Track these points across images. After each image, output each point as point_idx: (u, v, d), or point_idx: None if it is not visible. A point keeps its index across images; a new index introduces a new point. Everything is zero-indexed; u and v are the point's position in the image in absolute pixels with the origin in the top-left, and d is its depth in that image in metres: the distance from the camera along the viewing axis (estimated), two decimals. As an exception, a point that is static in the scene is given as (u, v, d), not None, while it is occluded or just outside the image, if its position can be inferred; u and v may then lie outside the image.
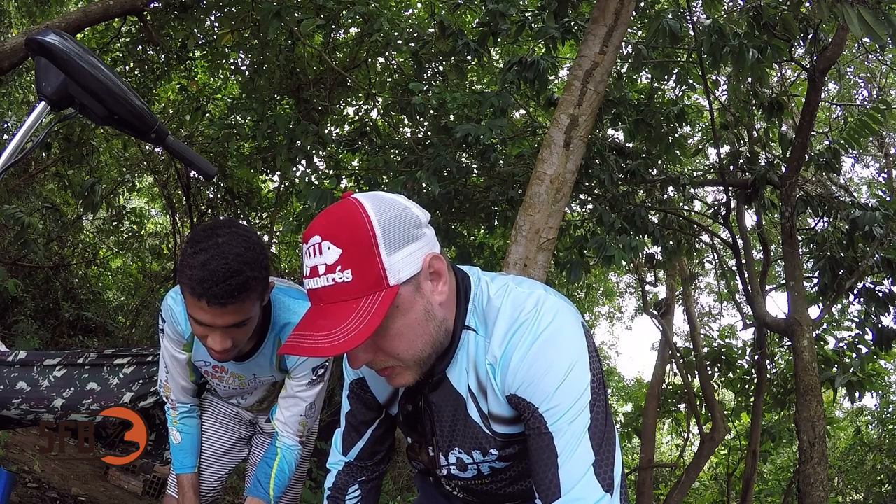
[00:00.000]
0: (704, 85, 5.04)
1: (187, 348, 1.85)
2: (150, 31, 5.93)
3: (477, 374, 1.12)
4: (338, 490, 1.39)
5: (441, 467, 1.25)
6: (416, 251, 1.02)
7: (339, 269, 0.97)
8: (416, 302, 1.03)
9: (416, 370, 1.08)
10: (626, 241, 4.22)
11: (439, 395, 1.17)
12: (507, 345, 1.07)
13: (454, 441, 1.20)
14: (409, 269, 1.01)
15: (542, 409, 1.05)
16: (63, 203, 8.17)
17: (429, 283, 1.04)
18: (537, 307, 1.08)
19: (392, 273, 0.99)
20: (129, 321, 8.56)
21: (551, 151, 2.99)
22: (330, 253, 0.98)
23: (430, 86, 5.14)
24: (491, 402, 1.12)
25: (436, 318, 1.06)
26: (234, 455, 2.11)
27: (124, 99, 1.31)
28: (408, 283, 1.01)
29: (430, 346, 1.06)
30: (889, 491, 8.22)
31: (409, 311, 1.02)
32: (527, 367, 1.05)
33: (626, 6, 3.15)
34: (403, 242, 1.01)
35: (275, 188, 8.37)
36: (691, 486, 7.26)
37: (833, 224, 5.11)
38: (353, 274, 0.97)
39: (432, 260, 1.04)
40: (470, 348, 1.12)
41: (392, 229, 1.00)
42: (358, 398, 1.34)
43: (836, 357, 5.47)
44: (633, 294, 12.57)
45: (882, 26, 3.08)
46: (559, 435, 1.04)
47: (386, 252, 0.99)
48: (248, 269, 1.45)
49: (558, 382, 1.04)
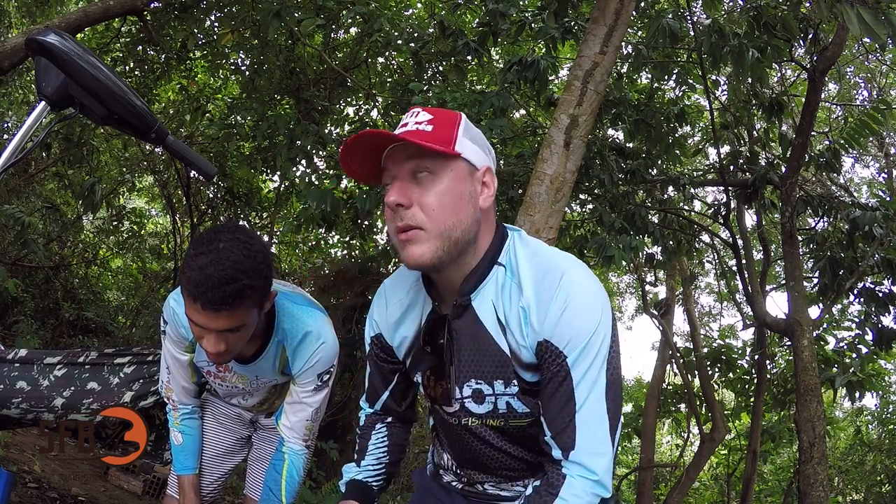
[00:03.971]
0: (704, 85, 5.04)
1: (190, 349, 1.84)
2: (150, 31, 5.93)
3: (504, 309, 1.19)
4: (365, 429, 1.49)
5: (455, 401, 1.27)
6: (481, 154, 1.21)
7: (424, 122, 1.16)
8: (466, 182, 1.17)
9: (437, 242, 1.14)
10: (626, 241, 4.22)
11: (463, 322, 1.22)
12: (541, 292, 1.15)
13: (473, 371, 1.23)
14: (472, 157, 1.19)
15: (570, 357, 1.13)
16: (63, 203, 8.17)
17: (479, 185, 1.20)
18: (569, 265, 1.18)
19: (460, 144, 1.17)
20: (129, 321, 8.56)
21: (551, 151, 2.99)
22: (422, 114, 1.18)
23: (430, 86, 5.14)
24: (516, 343, 1.19)
25: (475, 209, 1.18)
26: (234, 455, 2.10)
27: (124, 99, 1.31)
28: (467, 163, 1.18)
29: (460, 228, 1.15)
30: (889, 491, 8.22)
31: (457, 182, 1.16)
32: (563, 317, 1.13)
33: (626, 6, 3.15)
34: (476, 141, 1.21)
35: (275, 188, 8.37)
36: (691, 486, 7.26)
37: (833, 224, 5.11)
38: (433, 128, 1.15)
39: (487, 171, 1.21)
40: (499, 282, 1.20)
41: (472, 131, 1.21)
42: (376, 358, 1.42)
43: (836, 357, 5.47)
44: (633, 294, 12.58)
45: (882, 26, 3.08)
46: (579, 385, 1.13)
47: (462, 133, 1.18)
48: (244, 277, 1.46)
49: (589, 334, 1.13)
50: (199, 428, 2.01)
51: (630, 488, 10.31)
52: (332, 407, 5.97)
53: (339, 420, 6.13)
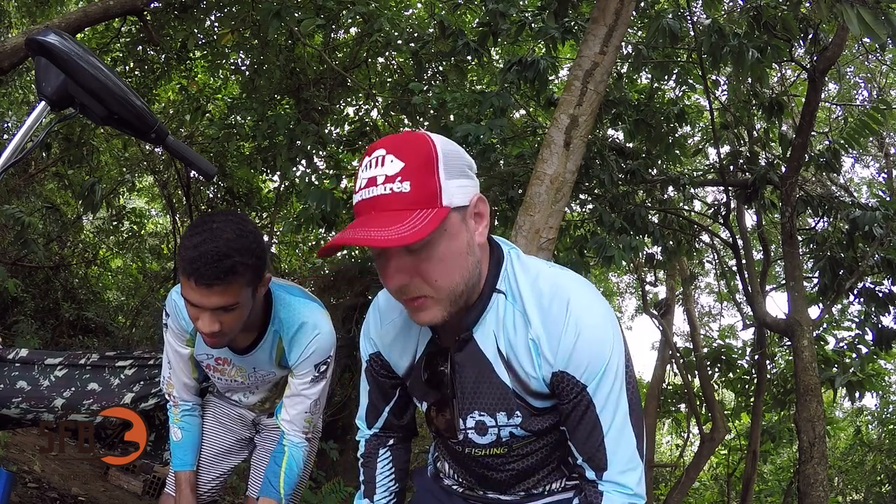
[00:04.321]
0: (704, 85, 5.04)
1: (190, 343, 1.86)
2: (150, 31, 5.93)
3: (506, 340, 1.15)
4: (369, 456, 1.44)
5: (459, 431, 1.26)
6: (467, 186, 1.08)
7: (398, 179, 1.01)
8: (462, 232, 1.07)
9: (445, 305, 1.08)
10: (626, 241, 4.22)
11: (464, 356, 1.19)
12: (551, 323, 1.11)
13: (476, 403, 1.21)
14: (460, 199, 1.06)
15: (591, 386, 1.11)
16: (63, 203, 8.17)
17: (472, 220, 1.09)
18: (576, 286, 1.14)
19: (447, 195, 1.03)
20: (129, 321, 8.57)
21: (551, 151, 2.99)
22: (392, 165, 1.02)
23: (430, 86, 5.15)
24: (523, 374, 1.15)
25: (475, 254, 1.10)
26: (233, 455, 2.11)
27: (124, 99, 1.31)
28: (457, 210, 1.06)
29: (465, 283, 1.08)
30: (889, 491, 8.22)
31: (454, 238, 1.05)
32: (580, 347, 1.10)
33: (626, 6, 3.15)
34: (459, 174, 1.07)
35: (275, 188, 8.37)
36: (691, 486, 7.26)
37: (833, 224, 5.11)
38: (411, 186, 1.01)
39: (478, 200, 1.10)
40: (500, 311, 1.15)
41: (452, 159, 1.06)
42: (375, 374, 1.37)
43: (836, 357, 5.47)
44: (633, 294, 12.58)
45: (881, 26, 3.08)
46: (604, 411, 1.11)
47: (444, 174, 1.04)
48: (236, 254, 1.51)
49: (606, 360, 1.10)
50: (199, 426, 2.02)
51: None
52: (332, 407, 5.96)
53: (339, 420, 6.13)
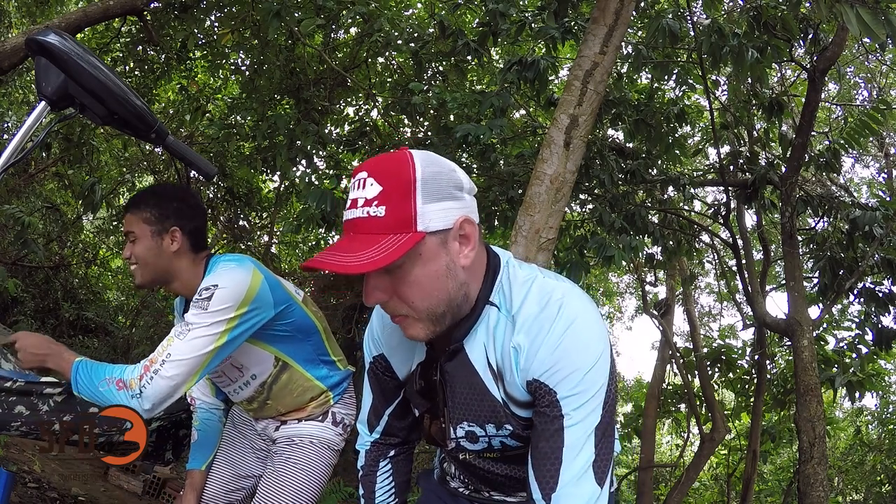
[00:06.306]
0: (704, 85, 5.03)
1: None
2: (150, 31, 5.94)
3: (496, 351, 1.14)
4: (369, 468, 1.44)
5: (450, 440, 1.27)
6: (450, 209, 1.06)
7: (375, 203, 1.02)
8: (440, 256, 1.06)
9: (427, 324, 1.09)
10: (626, 241, 4.22)
11: (454, 366, 1.19)
12: (536, 330, 1.09)
13: (466, 414, 1.21)
14: (440, 223, 1.05)
15: (561, 396, 1.08)
16: (63, 203, 8.18)
17: (456, 243, 1.08)
18: (567, 298, 1.11)
19: (422, 220, 1.03)
20: (129, 321, 8.57)
21: (551, 151, 2.99)
22: (371, 188, 1.03)
23: (430, 86, 5.14)
24: (508, 383, 1.15)
25: (457, 278, 1.08)
26: (248, 465, 2.11)
27: (124, 99, 1.31)
28: (435, 234, 1.05)
29: (445, 304, 1.08)
30: (889, 491, 8.22)
31: (430, 262, 1.05)
32: (556, 355, 1.07)
33: (626, 6, 3.15)
34: (440, 197, 1.05)
35: (275, 188, 8.37)
36: (691, 486, 7.26)
37: (833, 224, 5.11)
38: (386, 211, 1.02)
39: (464, 223, 1.07)
40: (490, 323, 1.14)
41: (432, 182, 1.05)
42: (377, 378, 1.38)
43: (836, 357, 5.46)
44: (633, 294, 12.59)
45: (881, 26, 3.08)
46: (570, 425, 1.07)
47: (421, 199, 1.03)
48: (152, 197, 1.81)
49: (582, 374, 1.07)
50: (216, 430, 2.08)
51: (630, 488, 10.31)
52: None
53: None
